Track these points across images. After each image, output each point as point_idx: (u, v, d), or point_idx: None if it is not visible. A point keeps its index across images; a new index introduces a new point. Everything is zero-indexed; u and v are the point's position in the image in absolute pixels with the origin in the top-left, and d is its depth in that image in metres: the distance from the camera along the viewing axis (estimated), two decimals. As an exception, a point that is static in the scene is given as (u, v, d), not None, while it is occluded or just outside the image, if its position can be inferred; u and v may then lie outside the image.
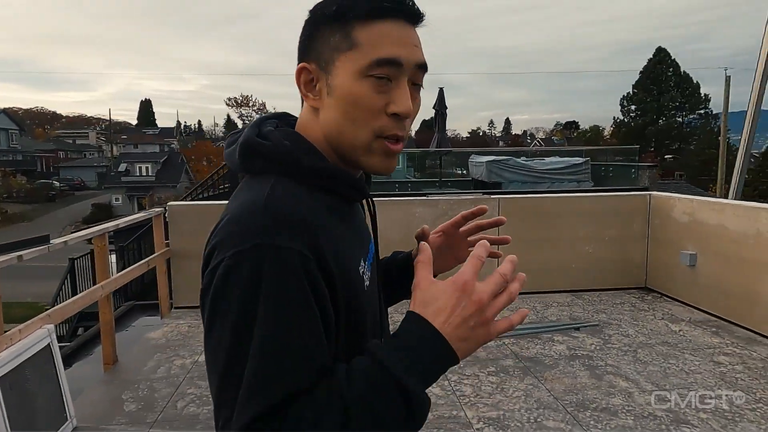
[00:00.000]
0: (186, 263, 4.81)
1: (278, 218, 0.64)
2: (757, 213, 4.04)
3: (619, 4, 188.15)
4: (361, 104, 0.70)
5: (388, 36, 0.69)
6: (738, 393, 3.06)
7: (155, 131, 66.02)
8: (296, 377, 0.60)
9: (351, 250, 0.72)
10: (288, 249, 0.62)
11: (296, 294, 0.61)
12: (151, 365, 3.61)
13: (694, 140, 45.34)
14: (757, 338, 3.94)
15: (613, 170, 12.81)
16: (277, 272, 0.61)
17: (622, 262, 5.27)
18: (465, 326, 0.64)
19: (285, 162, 0.70)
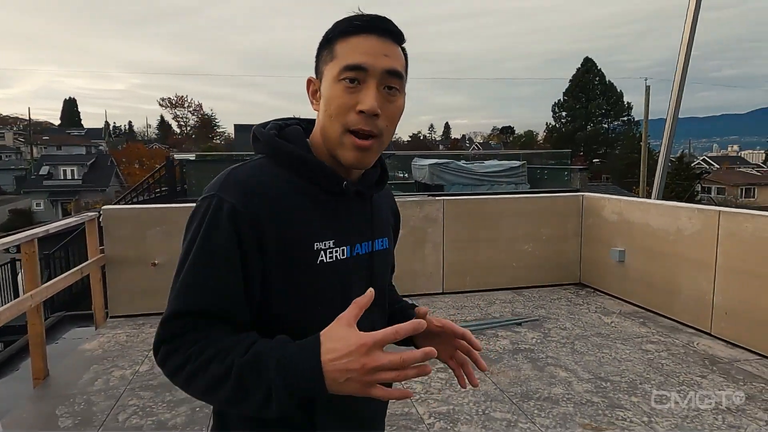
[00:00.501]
0: (123, 270, 4.59)
1: (232, 181, 0.87)
2: (678, 211, 4.40)
3: (550, 16, 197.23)
4: (334, 103, 0.86)
5: (357, 47, 0.86)
6: (661, 378, 3.32)
7: (81, 132, 62.04)
8: (207, 299, 0.83)
9: (311, 226, 0.88)
10: (228, 202, 0.84)
11: (222, 235, 0.83)
12: (87, 378, 3.41)
13: (618, 145, 48.37)
14: (679, 326, 4.28)
15: (548, 173, 13.46)
16: (214, 217, 0.84)
17: (558, 260, 5.56)
18: (343, 375, 0.74)
19: (270, 148, 0.92)
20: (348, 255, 0.91)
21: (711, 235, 4.02)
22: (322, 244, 0.88)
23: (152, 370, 3.53)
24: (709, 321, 4.06)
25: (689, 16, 5.25)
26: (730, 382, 3.27)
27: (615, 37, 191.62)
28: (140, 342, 4.06)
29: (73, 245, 8.58)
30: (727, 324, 3.91)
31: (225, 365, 0.78)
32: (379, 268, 0.99)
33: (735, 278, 3.85)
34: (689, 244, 4.23)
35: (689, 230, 4.24)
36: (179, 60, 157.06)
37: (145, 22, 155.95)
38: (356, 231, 0.94)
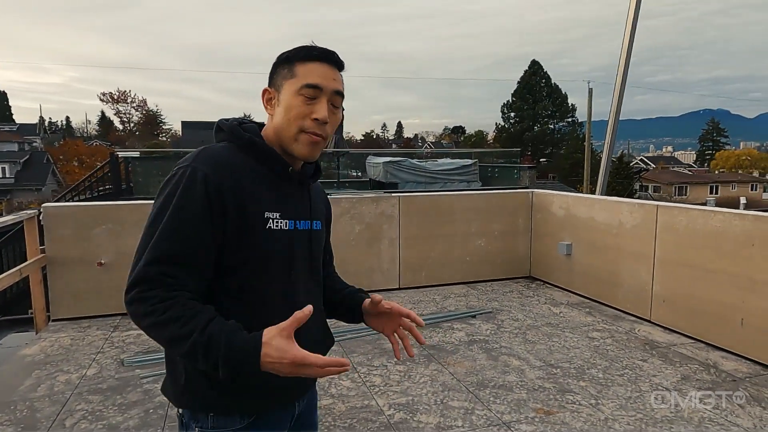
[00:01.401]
0: (66, 270, 4.37)
1: (203, 155, 1.09)
2: (619, 206, 4.65)
3: (497, 20, 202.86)
4: (294, 111, 1.12)
5: (314, 71, 1.12)
6: (605, 363, 3.51)
7: (12, 127, 58.17)
8: (182, 245, 1.02)
9: (262, 199, 1.10)
10: (201, 170, 1.05)
11: (197, 195, 1.03)
12: (28, 384, 3.23)
13: (563, 145, 50.37)
14: (621, 315, 4.53)
15: (499, 171, 13.85)
16: (190, 181, 1.04)
17: (510, 254, 5.75)
18: (275, 370, 0.97)
19: (233, 135, 1.15)
20: (291, 228, 1.14)
21: (650, 228, 4.28)
22: (272, 214, 1.11)
23: (101, 373, 3.39)
24: (649, 309, 4.32)
25: (628, 23, 5.55)
26: (668, 364, 3.49)
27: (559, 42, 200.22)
28: (86, 345, 3.89)
29: (6, 246, 8.07)
30: (665, 311, 4.18)
31: (184, 331, 0.97)
32: (316, 243, 1.23)
33: (671, 269, 4.12)
34: (630, 237, 4.48)
35: (630, 224, 4.49)
36: (121, 53, 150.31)
37: (84, 12, 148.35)
38: (298, 210, 1.17)
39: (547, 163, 48.61)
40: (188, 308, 0.99)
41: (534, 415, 2.83)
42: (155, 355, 3.65)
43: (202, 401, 1.10)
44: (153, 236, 1.02)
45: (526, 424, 2.74)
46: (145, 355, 3.66)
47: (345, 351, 3.72)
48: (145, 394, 3.09)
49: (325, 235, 1.32)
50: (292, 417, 1.21)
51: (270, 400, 1.14)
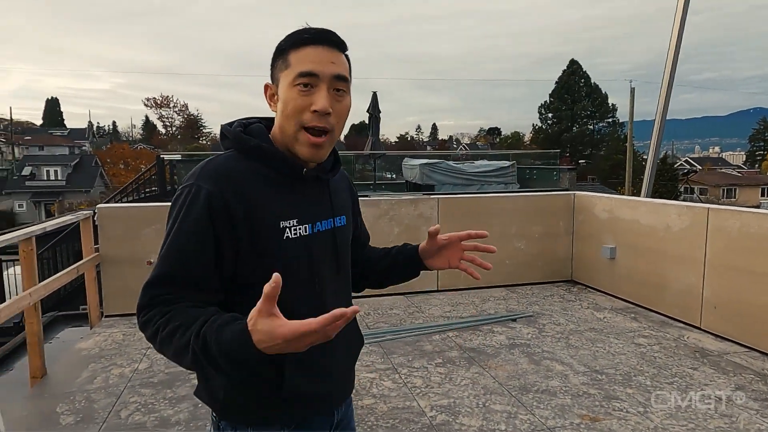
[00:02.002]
0: (118, 269, 4.57)
1: (206, 171, 1.01)
2: (666, 209, 4.51)
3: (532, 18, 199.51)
4: (290, 104, 1.01)
5: (308, 57, 1.00)
6: (653, 371, 3.41)
7: (64, 132, 61.13)
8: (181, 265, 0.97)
9: (276, 207, 1.01)
10: (204, 187, 0.98)
11: (197, 214, 0.97)
12: (85, 376, 3.40)
13: (603, 146, 48.97)
14: (669, 321, 4.39)
15: (537, 173, 13.61)
16: (192, 200, 0.97)
17: (550, 257, 5.64)
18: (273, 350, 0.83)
19: (237, 143, 1.06)
20: (311, 232, 1.06)
21: (700, 231, 4.12)
22: (287, 222, 1.02)
23: (151, 368, 3.52)
24: (699, 315, 4.16)
25: (677, 18, 5.37)
26: (720, 373, 3.36)
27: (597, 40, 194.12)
28: (137, 340, 4.05)
29: (61, 246, 8.48)
30: (716, 318, 4.02)
31: (183, 341, 0.89)
32: (341, 240, 1.15)
33: (723, 273, 3.96)
34: (679, 240, 4.33)
35: (678, 227, 4.35)
36: (164, 59, 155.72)
37: (127, 21, 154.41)
38: (317, 211, 1.09)
39: (586, 164, 47.40)
40: (187, 316, 0.92)
41: (579, 422, 2.78)
42: (202, 351, 3.77)
43: (241, 415, 1.05)
44: (158, 257, 1.00)
45: (571, 430, 2.69)
46: (192, 352, 3.78)
47: (385, 351, 3.74)
48: (194, 389, 3.18)
49: (352, 228, 1.24)
50: (331, 425, 1.16)
51: (310, 409, 1.10)
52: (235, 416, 1.06)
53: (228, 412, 1.06)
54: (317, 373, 1.08)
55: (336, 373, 1.14)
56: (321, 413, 1.13)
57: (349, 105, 1.07)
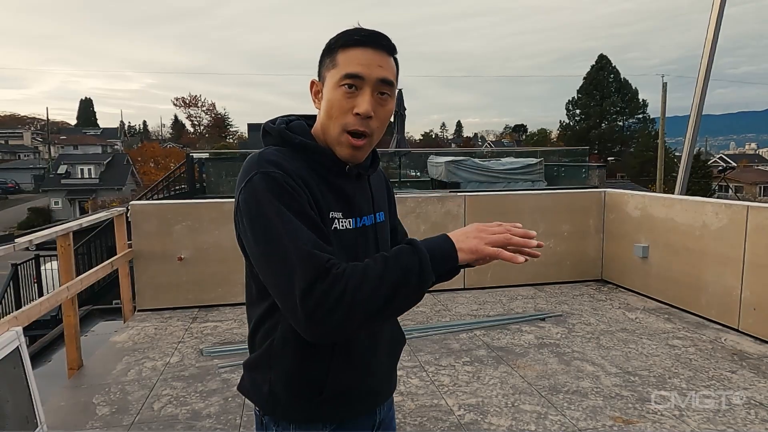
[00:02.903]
0: (150, 264, 4.67)
1: (265, 160, 0.98)
2: (703, 206, 4.36)
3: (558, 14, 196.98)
4: (335, 105, 1.00)
5: (356, 59, 0.99)
6: (689, 373, 3.30)
7: (97, 132, 62.89)
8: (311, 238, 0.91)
9: (326, 198, 1.01)
10: (273, 171, 0.95)
11: (284, 194, 0.94)
12: (120, 368, 3.48)
13: (633, 143, 47.80)
14: (705, 322, 4.25)
15: (565, 170, 13.36)
16: (268, 184, 0.94)
17: (579, 256, 5.54)
18: (464, 234, 0.97)
19: (282, 139, 1.05)
20: (354, 226, 1.05)
21: (739, 230, 3.98)
22: (336, 213, 1.03)
23: (182, 361, 3.59)
24: (737, 317, 4.02)
25: (714, 11, 5.19)
26: (761, 377, 3.24)
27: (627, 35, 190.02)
28: (168, 334, 4.14)
29: (95, 241, 8.73)
30: (756, 320, 3.88)
31: (379, 265, 0.90)
32: (381, 236, 1.16)
33: (764, 274, 3.81)
34: (716, 239, 4.19)
35: (716, 225, 4.21)
36: (193, 59, 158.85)
37: (157, 23, 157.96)
38: (360, 206, 1.08)
39: (616, 161, 46.36)
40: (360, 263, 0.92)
41: (612, 424, 2.72)
42: (231, 346, 3.83)
43: (286, 411, 1.06)
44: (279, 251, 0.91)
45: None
46: (221, 346, 3.84)
47: (412, 349, 3.73)
48: (224, 383, 3.24)
49: (389, 223, 1.25)
50: (374, 424, 1.15)
51: (354, 407, 1.09)
52: (280, 412, 1.06)
53: (272, 408, 1.06)
54: (361, 371, 1.08)
55: (379, 372, 1.13)
56: (364, 412, 1.12)
57: (392, 109, 1.06)
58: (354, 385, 1.05)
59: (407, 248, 0.93)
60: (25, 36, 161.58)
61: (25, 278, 8.33)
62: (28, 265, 8.37)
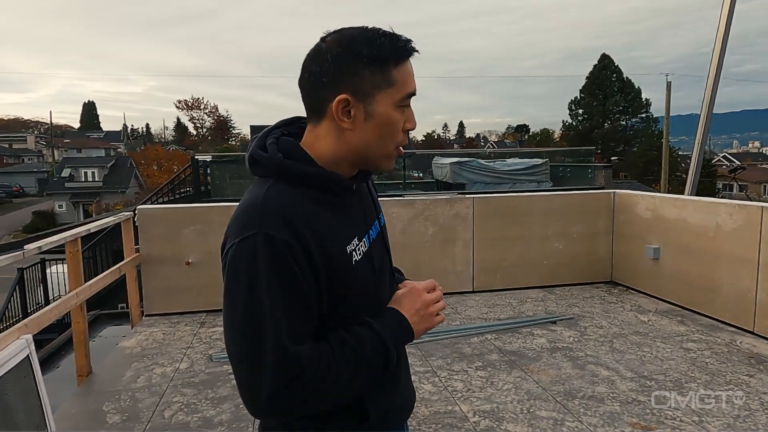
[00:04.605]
0: (158, 269, 4.64)
1: (270, 213, 0.87)
2: (716, 207, 4.31)
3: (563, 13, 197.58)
4: (395, 126, 0.95)
5: (409, 74, 0.94)
6: (706, 377, 3.25)
7: (100, 135, 63.15)
8: (296, 328, 0.86)
9: (339, 233, 0.93)
10: (279, 238, 0.85)
11: (285, 270, 0.85)
12: (129, 375, 3.45)
13: (636, 143, 47.62)
14: (719, 325, 4.20)
15: (571, 171, 13.30)
16: (269, 253, 0.84)
17: (589, 257, 5.48)
18: (417, 314, 1.00)
19: (278, 169, 0.92)
20: (368, 244, 1.01)
21: (754, 230, 3.93)
22: (351, 245, 0.95)
23: (192, 368, 3.56)
24: (752, 319, 3.97)
25: (725, 7, 5.14)
26: (780, 381, 3.19)
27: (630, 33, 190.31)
28: (177, 340, 4.10)
29: (100, 245, 8.72)
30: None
31: (350, 367, 0.91)
32: (386, 234, 1.13)
33: (780, 275, 3.76)
34: (730, 240, 4.14)
35: (730, 226, 4.15)
36: (195, 63, 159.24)
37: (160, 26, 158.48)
38: (365, 218, 1.04)
39: (619, 161, 46.19)
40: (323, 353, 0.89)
41: (630, 430, 2.67)
42: (241, 351, 3.79)
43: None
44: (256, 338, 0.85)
45: (623, 439, 2.59)
46: (231, 352, 3.80)
47: (423, 354, 3.69)
48: (235, 390, 3.19)
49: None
50: None
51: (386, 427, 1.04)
52: None
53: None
54: (390, 387, 1.04)
55: (401, 384, 1.10)
56: (394, 428, 1.08)
57: None
58: (388, 404, 1.02)
59: (377, 345, 0.93)
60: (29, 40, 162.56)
61: (31, 281, 8.33)
62: (33, 269, 8.36)
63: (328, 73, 0.91)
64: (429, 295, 1.02)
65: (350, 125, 0.92)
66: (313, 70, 0.93)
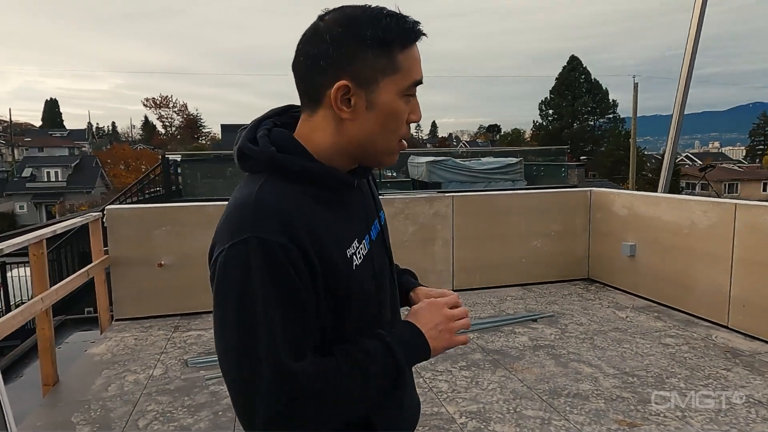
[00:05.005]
0: (128, 271, 4.46)
1: (264, 213, 0.78)
2: (690, 205, 4.39)
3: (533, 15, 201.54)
4: (399, 117, 0.85)
5: (416, 59, 0.84)
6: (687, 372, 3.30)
7: (63, 133, 60.98)
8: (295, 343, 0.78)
9: (339, 235, 0.85)
10: (274, 241, 0.76)
11: (282, 277, 0.77)
12: (99, 383, 3.29)
13: (604, 142, 48.81)
14: (695, 320, 4.28)
15: (544, 170, 13.49)
16: (264, 259, 0.76)
17: (567, 255, 5.53)
18: (435, 329, 0.91)
19: (271, 164, 0.83)
20: (368, 246, 0.93)
21: (727, 227, 4.01)
22: (351, 248, 0.87)
23: (167, 374, 3.42)
24: (726, 314, 4.05)
25: (696, 12, 5.26)
26: (756, 375, 3.25)
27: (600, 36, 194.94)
28: (150, 345, 3.94)
29: (65, 247, 8.37)
30: (745, 316, 3.91)
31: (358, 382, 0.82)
32: (386, 234, 1.05)
33: (753, 270, 3.84)
34: (704, 237, 4.22)
35: (704, 223, 4.23)
36: (164, 59, 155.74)
37: (129, 21, 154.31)
38: (366, 216, 0.96)
39: (588, 160, 47.23)
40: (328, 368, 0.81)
41: (617, 428, 2.67)
42: (218, 356, 3.66)
43: None
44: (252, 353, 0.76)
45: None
46: (207, 356, 3.67)
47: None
48: (212, 396, 3.08)
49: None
50: None
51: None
52: None
53: None
54: (398, 400, 0.97)
55: (407, 395, 1.03)
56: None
57: None
58: (398, 417, 0.96)
59: (388, 363, 0.85)
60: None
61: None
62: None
63: (326, 56, 0.81)
64: (451, 310, 0.94)
65: (350, 115, 0.83)
66: (309, 53, 0.82)
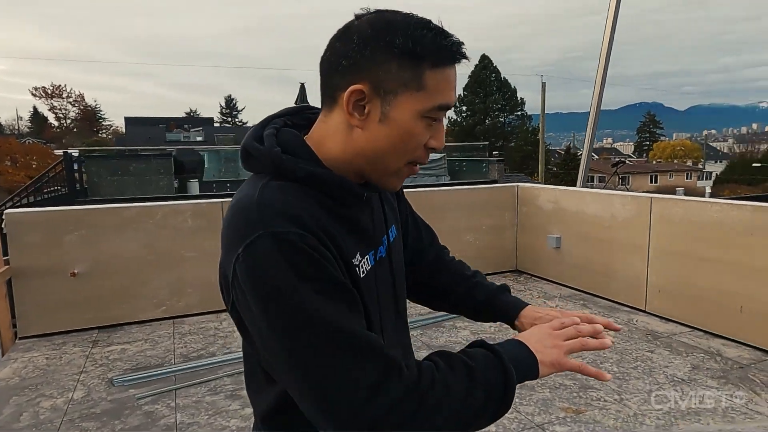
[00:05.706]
0: (34, 283, 3.97)
1: (270, 212, 0.72)
2: (611, 199, 4.71)
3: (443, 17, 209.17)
4: (413, 140, 0.78)
5: (448, 83, 0.77)
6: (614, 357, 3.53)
7: (-68, 125, 53.66)
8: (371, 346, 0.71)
9: (345, 244, 0.78)
10: (288, 232, 0.70)
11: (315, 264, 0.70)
12: (9, 413, 2.89)
13: (513, 138, 51.65)
14: (617, 306, 4.60)
15: (466, 165, 13.93)
16: (288, 249, 0.69)
17: (498, 249, 5.73)
18: (541, 343, 0.84)
19: (275, 165, 0.77)
20: (373, 263, 0.87)
21: (644, 219, 4.34)
22: (355, 259, 0.82)
23: (89, 396, 3.08)
24: (644, 299, 4.40)
25: (610, 14, 5.64)
26: (675, 354, 3.55)
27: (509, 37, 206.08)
28: (65, 364, 3.54)
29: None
30: (661, 301, 4.26)
31: (462, 381, 0.74)
32: (396, 257, 0.96)
33: (667, 259, 4.20)
34: (624, 228, 4.54)
35: (623, 216, 4.56)
36: (57, 45, 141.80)
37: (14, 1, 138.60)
38: (375, 230, 0.89)
39: (500, 155, 49.73)
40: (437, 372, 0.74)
41: (564, 415, 2.79)
42: (147, 372, 3.36)
43: None
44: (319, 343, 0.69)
45: (560, 425, 2.69)
46: (135, 373, 3.36)
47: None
48: (147, 417, 2.82)
49: (402, 232, 1.07)
50: None
51: None
52: None
53: None
54: None
55: None
56: None
57: None
58: None
59: (493, 360, 0.78)
60: None
61: None
62: None
63: (349, 56, 0.75)
64: (560, 330, 0.87)
65: (360, 123, 0.77)
66: (335, 49, 0.78)
